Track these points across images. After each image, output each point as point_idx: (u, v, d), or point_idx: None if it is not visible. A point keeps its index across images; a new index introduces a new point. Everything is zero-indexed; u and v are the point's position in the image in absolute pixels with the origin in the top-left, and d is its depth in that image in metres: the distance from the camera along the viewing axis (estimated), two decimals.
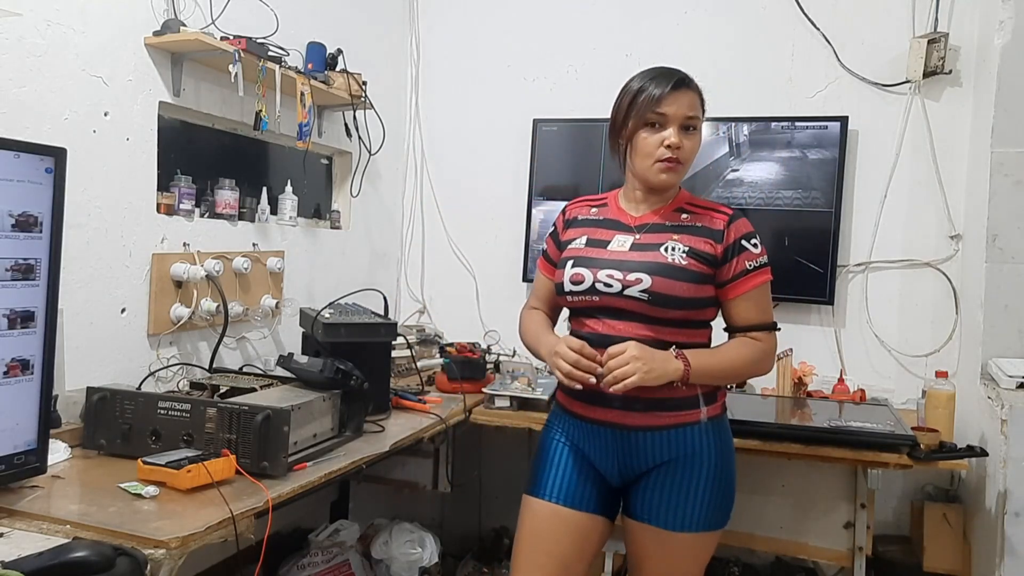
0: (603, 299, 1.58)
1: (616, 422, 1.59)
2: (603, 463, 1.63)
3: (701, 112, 1.63)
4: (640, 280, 1.55)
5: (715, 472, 1.58)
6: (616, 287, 1.56)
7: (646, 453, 1.58)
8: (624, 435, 1.59)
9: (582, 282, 1.60)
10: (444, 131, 3.23)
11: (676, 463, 1.57)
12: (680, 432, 1.57)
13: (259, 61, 2.11)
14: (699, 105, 1.62)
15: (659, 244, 1.59)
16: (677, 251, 1.57)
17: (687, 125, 1.58)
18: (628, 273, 1.56)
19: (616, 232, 1.65)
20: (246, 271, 2.24)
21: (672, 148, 1.57)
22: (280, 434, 1.57)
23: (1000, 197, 2.26)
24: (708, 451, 1.58)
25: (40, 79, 1.70)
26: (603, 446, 1.62)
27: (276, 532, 2.31)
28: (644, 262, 1.57)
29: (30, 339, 1.36)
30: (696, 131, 1.61)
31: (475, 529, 3.11)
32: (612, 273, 1.57)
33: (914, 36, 2.57)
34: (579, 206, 1.77)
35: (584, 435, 1.64)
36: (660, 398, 1.56)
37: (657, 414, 1.57)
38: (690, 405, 1.58)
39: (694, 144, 1.60)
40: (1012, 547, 1.96)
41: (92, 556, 1.14)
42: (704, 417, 1.59)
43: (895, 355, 2.66)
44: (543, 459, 1.69)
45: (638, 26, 2.94)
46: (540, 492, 1.66)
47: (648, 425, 1.57)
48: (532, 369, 2.40)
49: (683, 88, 1.58)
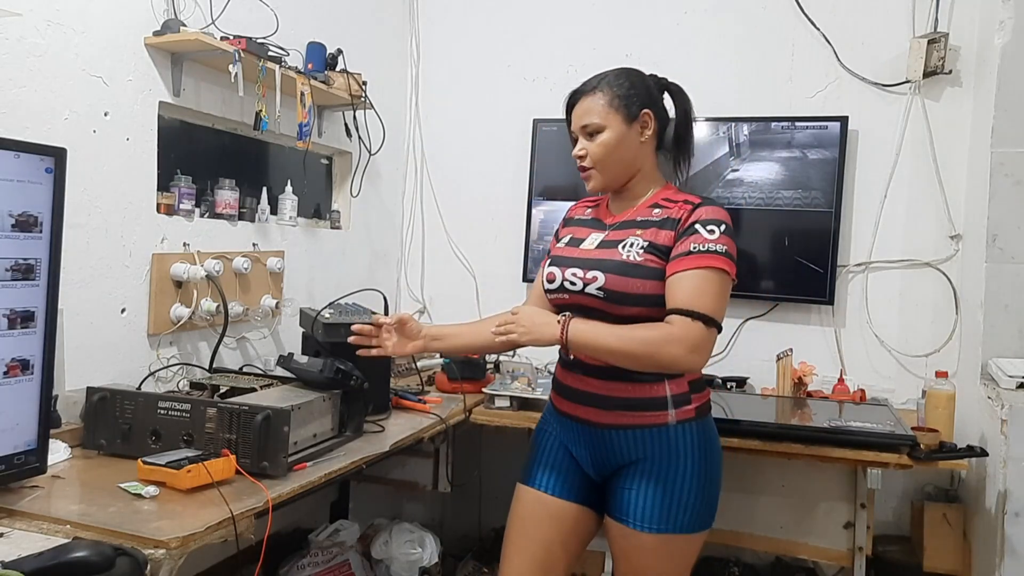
0: (571, 297, 1.62)
1: (588, 419, 1.63)
2: (581, 456, 1.68)
3: (607, 108, 1.60)
4: (596, 278, 1.57)
5: (691, 475, 1.56)
6: (579, 285, 1.60)
7: (616, 450, 1.60)
8: (595, 432, 1.62)
9: (554, 280, 1.65)
10: (444, 131, 3.23)
11: (648, 463, 1.57)
12: (648, 433, 1.57)
13: (259, 61, 2.11)
14: (598, 105, 1.61)
15: (619, 241, 1.60)
16: (635, 247, 1.57)
17: (588, 132, 1.63)
18: (587, 271, 1.59)
19: (592, 230, 1.68)
20: (246, 271, 2.24)
21: (580, 159, 1.65)
22: (280, 434, 1.57)
23: (1000, 197, 2.26)
24: (684, 454, 1.56)
25: (40, 79, 1.70)
26: (579, 440, 1.66)
27: (276, 532, 2.31)
28: (601, 260, 1.59)
29: (30, 339, 1.36)
30: (599, 133, 1.61)
31: (475, 529, 3.11)
32: (576, 271, 1.61)
33: (914, 36, 2.57)
34: (579, 206, 1.81)
35: (565, 430, 1.70)
36: (626, 398, 1.58)
37: (623, 413, 1.58)
38: (657, 406, 1.57)
39: (597, 147, 1.62)
40: (1012, 547, 1.96)
41: (92, 556, 1.14)
42: (673, 420, 1.57)
43: (895, 355, 2.66)
44: (532, 450, 1.77)
45: (638, 26, 2.94)
46: (528, 481, 1.73)
47: (616, 424, 1.59)
48: (532, 369, 2.40)
49: (578, 99, 1.65)
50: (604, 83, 1.63)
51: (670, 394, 1.57)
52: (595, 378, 1.61)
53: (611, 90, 1.62)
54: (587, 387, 1.62)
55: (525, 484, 1.73)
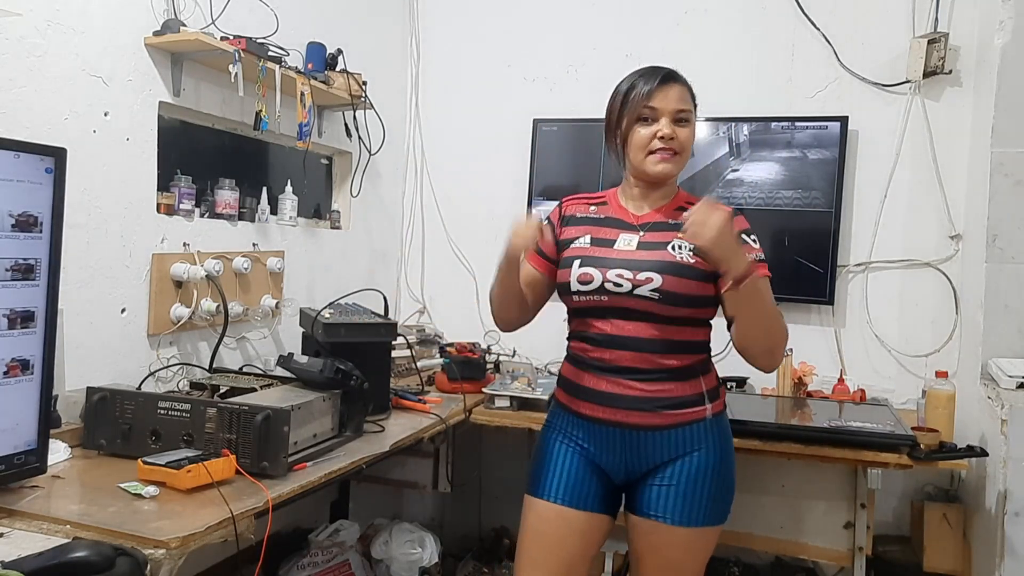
0: (612, 299, 1.58)
1: (623, 421, 1.59)
2: (608, 462, 1.63)
3: (692, 106, 1.64)
4: (651, 279, 1.55)
5: (717, 467, 1.59)
6: (626, 287, 1.56)
7: (652, 451, 1.59)
8: (631, 434, 1.59)
9: (591, 282, 1.60)
10: (444, 131, 3.23)
11: (681, 459, 1.58)
12: (689, 429, 1.58)
13: (259, 61, 2.11)
14: (689, 99, 1.63)
15: (665, 243, 1.59)
16: (684, 249, 1.58)
17: (678, 118, 1.60)
18: (638, 272, 1.56)
19: (620, 231, 1.65)
20: (246, 271, 2.24)
21: (665, 139, 1.59)
22: (280, 434, 1.57)
23: (1000, 197, 2.26)
24: (711, 446, 1.59)
25: (40, 79, 1.70)
26: (610, 446, 1.62)
27: (276, 532, 2.31)
28: (653, 261, 1.57)
29: (30, 339, 1.36)
30: (688, 124, 1.61)
31: (475, 529, 3.11)
32: (622, 273, 1.57)
33: (914, 36, 2.57)
34: (576, 203, 1.76)
35: (589, 434, 1.64)
36: (669, 397, 1.57)
37: (663, 413, 1.57)
38: (697, 402, 1.59)
39: (687, 135, 1.61)
40: (1012, 547, 1.96)
41: (92, 556, 1.14)
42: (710, 414, 1.60)
43: (895, 355, 2.66)
44: (544, 459, 1.69)
45: (638, 26, 2.94)
46: (543, 493, 1.66)
47: (655, 424, 1.57)
48: (532, 369, 2.40)
49: (671, 82, 1.61)
50: (681, 76, 1.64)
51: (706, 389, 1.61)
52: (634, 379, 1.57)
53: (690, 91, 1.65)
54: (625, 389, 1.57)
55: (538, 496, 1.66)
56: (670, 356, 1.57)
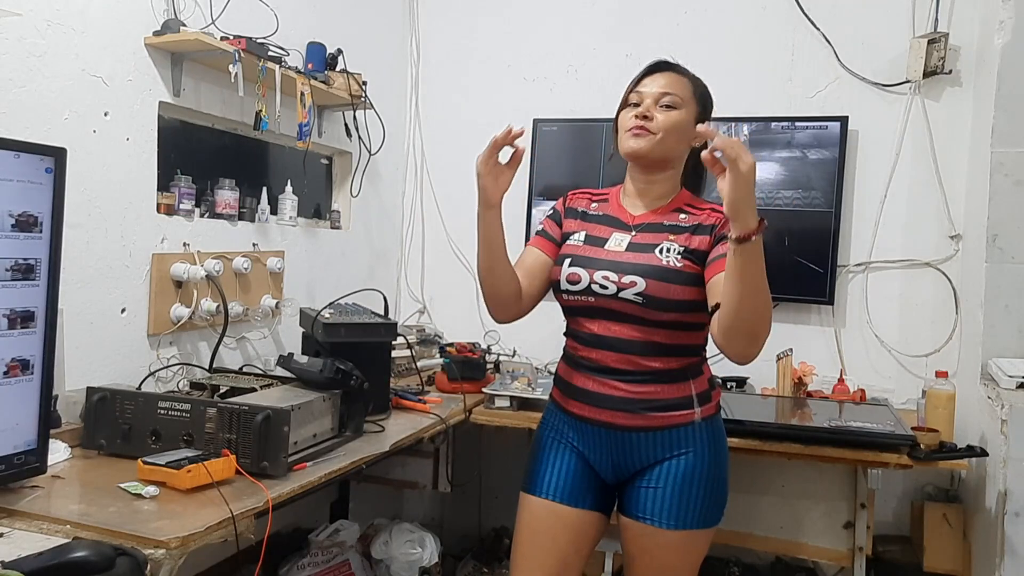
0: (598, 300, 1.58)
1: (609, 422, 1.59)
2: (598, 462, 1.64)
3: (691, 96, 1.61)
4: (635, 283, 1.54)
5: (709, 470, 1.58)
6: (611, 289, 1.56)
7: (640, 453, 1.59)
8: (619, 435, 1.59)
9: (578, 282, 1.60)
10: (444, 131, 3.23)
11: (668, 462, 1.58)
12: (676, 432, 1.57)
13: (259, 61, 2.11)
14: (684, 87, 1.61)
15: (654, 245, 1.58)
16: (672, 252, 1.56)
17: (664, 103, 1.58)
18: (623, 275, 1.56)
19: (614, 230, 1.65)
20: (246, 271, 2.24)
21: (639, 117, 1.57)
22: (280, 434, 1.57)
23: (1000, 197, 2.26)
24: (702, 449, 1.58)
25: (40, 79, 1.70)
26: (598, 445, 1.62)
27: (276, 532, 2.31)
28: (639, 264, 1.56)
29: (30, 339, 1.36)
30: (675, 109, 1.58)
31: (475, 529, 3.11)
32: (607, 275, 1.57)
33: (914, 36, 2.57)
34: (580, 197, 1.76)
35: (579, 434, 1.65)
36: (655, 399, 1.56)
37: (652, 415, 1.57)
38: (684, 406, 1.58)
39: (669, 119, 1.57)
40: (1012, 547, 1.96)
41: (92, 556, 1.14)
42: (699, 417, 1.59)
43: (895, 355, 2.66)
44: (539, 457, 1.70)
45: (638, 26, 2.94)
46: (537, 490, 1.67)
47: (643, 426, 1.57)
48: (532, 369, 2.40)
49: (664, 70, 1.62)
50: (693, 76, 1.64)
51: (695, 392, 1.59)
52: (620, 380, 1.57)
53: (697, 87, 1.64)
54: (610, 390, 1.58)
55: (532, 493, 1.68)
56: (655, 359, 1.56)
